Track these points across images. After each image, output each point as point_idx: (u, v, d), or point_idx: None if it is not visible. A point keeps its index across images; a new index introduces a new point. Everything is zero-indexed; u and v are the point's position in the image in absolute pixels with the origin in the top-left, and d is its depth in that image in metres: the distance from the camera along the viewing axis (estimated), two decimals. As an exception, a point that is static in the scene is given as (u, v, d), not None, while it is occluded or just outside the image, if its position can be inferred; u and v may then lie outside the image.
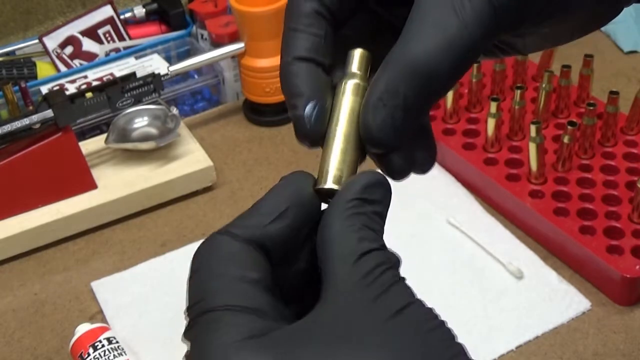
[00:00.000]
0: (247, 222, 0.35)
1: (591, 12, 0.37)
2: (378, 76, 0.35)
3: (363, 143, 0.36)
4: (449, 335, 0.33)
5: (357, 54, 0.38)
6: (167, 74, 0.97)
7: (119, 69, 1.07)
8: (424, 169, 0.40)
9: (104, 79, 1.04)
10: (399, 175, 0.38)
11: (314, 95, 0.36)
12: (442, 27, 0.33)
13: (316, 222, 0.35)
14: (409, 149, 0.37)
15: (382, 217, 0.35)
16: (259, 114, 1.07)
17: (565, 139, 0.87)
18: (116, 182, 0.94)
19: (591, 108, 0.89)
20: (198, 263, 0.34)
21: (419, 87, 0.34)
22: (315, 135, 0.37)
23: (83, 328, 0.76)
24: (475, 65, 0.97)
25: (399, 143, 0.36)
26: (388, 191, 0.35)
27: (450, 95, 0.96)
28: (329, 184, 0.36)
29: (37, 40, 1.12)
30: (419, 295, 0.34)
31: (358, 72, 0.38)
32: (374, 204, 0.34)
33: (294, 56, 0.37)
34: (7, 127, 0.86)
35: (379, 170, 0.37)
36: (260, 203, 0.36)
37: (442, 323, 0.33)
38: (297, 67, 0.36)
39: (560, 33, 0.39)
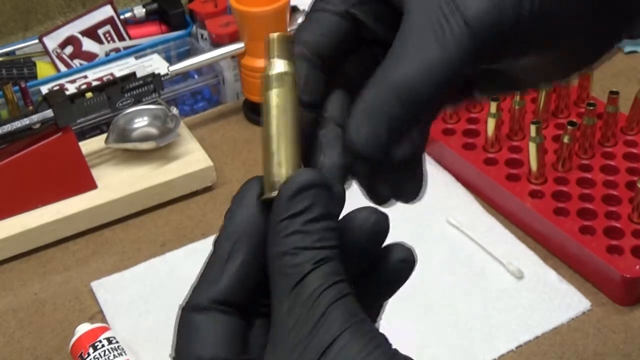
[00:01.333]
0: (205, 286, 0.35)
1: (583, 43, 0.37)
2: (363, 94, 0.35)
3: (300, 139, 0.36)
4: None
5: (275, 39, 0.35)
6: (167, 74, 0.97)
7: (119, 69, 1.07)
8: (408, 199, 0.39)
9: (104, 79, 1.04)
10: (384, 203, 0.38)
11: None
12: (423, 51, 0.34)
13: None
14: (396, 178, 0.37)
15: (321, 218, 0.33)
16: (259, 114, 1.06)
17: (565, 139, 0.87)
18: (116, 182, 0.94)
19: (591, 108, 0.89)
20: (177, 348, 0.36)
21: (400, 108, 0.34)
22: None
23: (83, 328, 0.76)
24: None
25: (383, 158, 0.35)
26: (319, 186, 0.34)
27: (450, 95, 0.96)
28: (268, 193, 0.35)
29: (37, 40, 1.12)
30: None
31: (282, 61, 0.35)
32: (305, 212, 0.33)
33: None
34: (7, 127, 0.86)
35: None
36: (212, 254, 0.35)
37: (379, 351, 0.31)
38: None
39: (553, 65, 0.38)
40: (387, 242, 0.36)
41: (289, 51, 0.35)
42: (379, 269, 0.35)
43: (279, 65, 0.35)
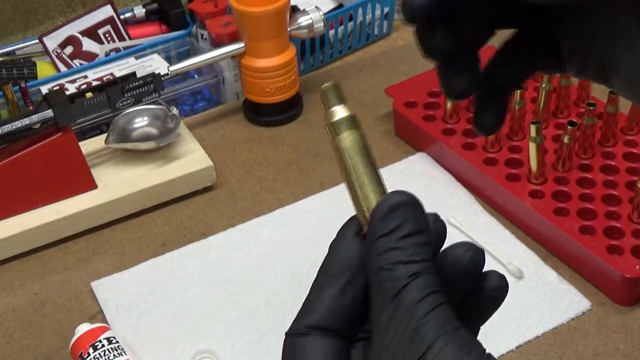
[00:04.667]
0: (304, 314, 0.37)
1: None
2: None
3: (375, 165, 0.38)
4: None
5: (329, 89, 0.39)
6: (167, 74, 0.97)
7: (119, 69, 1.07)
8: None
9: (104, 79, 1.04)
10: (456, 97, 0.41)
11: None
12: None
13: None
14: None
15: (413, 234, 0.35)
16: (259, 114, 1.07)
17: (565, 139, 0.87)
18: (116, 182, 0.94)
19: (591, 108, 0.89)
20: None
21: None
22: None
23: (83, 328, 0.76)
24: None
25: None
26: (409, 204, 0.36)
27: (450, 95, 0.96)
28: (365, 228, 0.37)
29: (37, 40, 1.12)
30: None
31: (340, 107, 0.38)
32: (398, 229, 0.35)
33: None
34: (7, 127, 0.86)
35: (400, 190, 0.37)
36: (313, 284, 0.38)
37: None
38: None
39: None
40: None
41: (343, 96, 0.38)
42: (475, 296, 0.37)
43: (340, 111, 0.38)
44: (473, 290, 0.37)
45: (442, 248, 0.36)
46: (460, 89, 0.41)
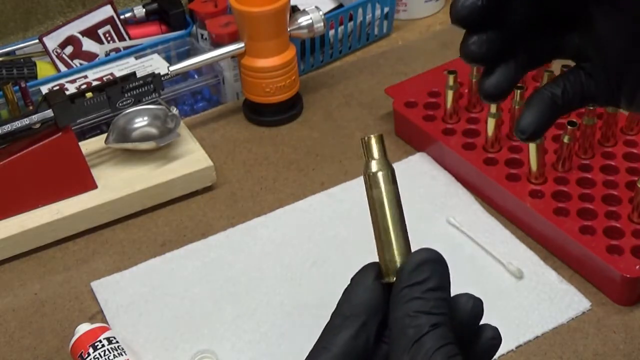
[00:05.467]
0: (318, 352, 0.39)
1: None
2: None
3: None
4: None
5: (374, 140, 0.40)
6: (167, 74, 0.97)
7: (119, 69, 1.07)
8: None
9: (104, 79, 1.04)
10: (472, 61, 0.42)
11: None
12: None
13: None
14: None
15: (437, 289, 0.38)
16: (259, 114, 1.07)
17: (565, 139, 0.87)
18: (116, 182, 0.94)
19: (591, 108, 0.89)
20: None
21: None
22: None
23: (83, 328, 0.76)
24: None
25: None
26: (436, 262, 0.39)
27: (450, 95, 0.96)
28: (387, 278, 0.40)
29: (37, 40, 1.12)
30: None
31: (382, 159, 0.40)
32: (424, 282, 0.38)
33: None
34: (7, 127, 0.86)
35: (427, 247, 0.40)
36: (328, 324, 0.40)
37: None
38: None
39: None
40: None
41: (384, 150, 0.40)
42: (474, 344, 0.41)
43: (381, 165, 0.40)
44: (471, 340, 0.40)
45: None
46: (501, 88, 0.43)
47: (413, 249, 0.41)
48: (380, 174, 0.40)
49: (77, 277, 0.87)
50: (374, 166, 0.40)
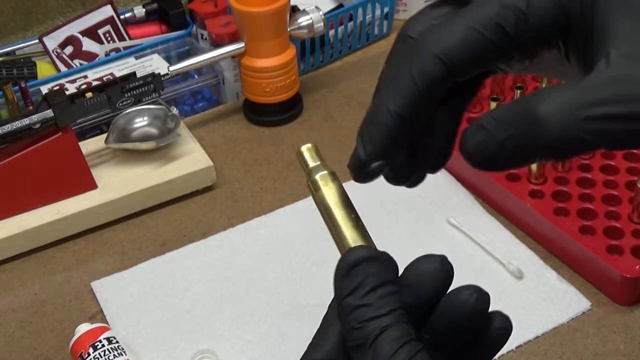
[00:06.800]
0: (312, 349, 0.38)
1: None
2: (501, 107, 0.35)
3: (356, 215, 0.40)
4: None
5: (306, 150, 0.41)
6: (167, 74, 0.97)
7: (119, 69, 1.07)
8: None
9: (104, 79, 1.04)
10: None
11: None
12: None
13: None
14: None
15: (378, 287, 0.35)
16: (259, 114, 1.07)
17: (565, 139, 0.87)
18: (116, 182, 0.94)
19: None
20: None
21: (523, 135, 0.34)
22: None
23: (83, 328, 0.76)
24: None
25: (487, 168, 0.36)
26: (368, 260, 0.36)
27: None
28: None
29: (37, 40, 1.12)
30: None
31: (316, 164, 0.41)
32: (360, 287, 0.35)
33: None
34: (7, 127, 0.86)
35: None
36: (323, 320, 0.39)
37: None
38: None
39: None
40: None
41: (318, 155, 0.42)
42: (480, 335, 0.37)
43: (318, 170, 0.41)
44: (477, 333, 0.37)
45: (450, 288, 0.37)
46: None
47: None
48: (317, 178, 0.41)
49: (77, 277, 0.87)
50: (313, 172, 0.41)
